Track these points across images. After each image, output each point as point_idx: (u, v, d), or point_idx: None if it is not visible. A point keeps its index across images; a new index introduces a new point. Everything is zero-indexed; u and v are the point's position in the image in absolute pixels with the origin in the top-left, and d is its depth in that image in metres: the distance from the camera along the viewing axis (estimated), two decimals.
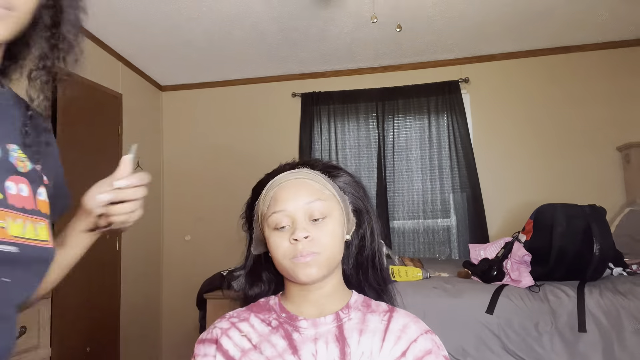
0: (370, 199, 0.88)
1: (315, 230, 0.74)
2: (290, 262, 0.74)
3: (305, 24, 2.84)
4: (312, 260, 0.73)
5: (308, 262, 0.73)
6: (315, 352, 0.72)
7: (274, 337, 0.74)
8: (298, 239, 0.73)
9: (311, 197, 0.76)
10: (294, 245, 0.74)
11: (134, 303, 3.26)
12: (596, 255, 1.87)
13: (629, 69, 3.20)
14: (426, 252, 3.28)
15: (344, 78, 3.59)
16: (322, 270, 0.74)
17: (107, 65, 3.12)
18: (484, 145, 3.35)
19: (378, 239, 0.84)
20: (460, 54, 3.37)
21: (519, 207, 3.21)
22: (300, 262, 0.73)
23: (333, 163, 0.86)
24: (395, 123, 3.44)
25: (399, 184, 3.38)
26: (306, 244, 0.73)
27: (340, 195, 0.80)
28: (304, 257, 0.73)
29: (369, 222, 0.83)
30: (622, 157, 3.13)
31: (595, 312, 1.74)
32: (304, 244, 0.73)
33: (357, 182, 0.84)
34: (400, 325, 0.75)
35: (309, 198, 0.76)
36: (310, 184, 0.78)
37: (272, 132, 3.65)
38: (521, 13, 2.79)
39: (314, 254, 0.73)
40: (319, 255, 0.74)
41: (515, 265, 2.00)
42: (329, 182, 0.80)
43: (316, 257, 0.73)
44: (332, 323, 0.75)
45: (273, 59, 3.37)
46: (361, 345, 0.72)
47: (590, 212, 1.98)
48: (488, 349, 1.78)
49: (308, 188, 0.77)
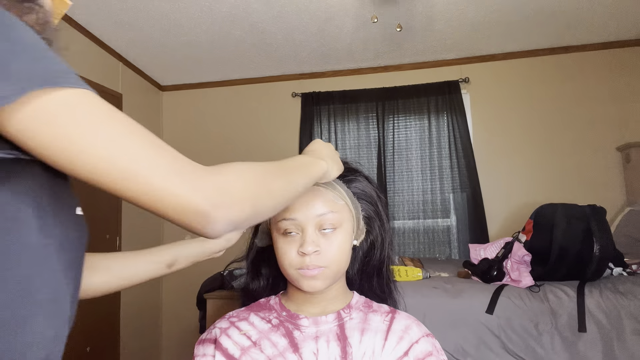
0: (386, 204, 0.85)
1: (324, 242, 0.74)
2: (296, 272, 0.74)
3: (305, 23, 2.84)
4: (318, 274, 0.73)
5: (314, 275, 0.73)
6: (317, 351, 0.72)
7: (275, 336, 0.74)
8: (306, 252, 0.72)
9: (323, 208, 0.74)
10: (301, 257, 0.73)
11: (134, 303, 3.26)
12: (596, 255, 1.86)
13: (629, 69, 3.20)
14: (426, 252, 3.28)
15: (344, 78, 3.59)
16: (327, 282, 0.74)
17: (107, 65, 3.12)
18: (484, 145, 3.35)
19: (388, 250, 0.83)
20: (460, 54, 3.37)
21: (519, 207, 3.21)
22: (307, 274, 0.73)
23: (352, 165, 0.84)
24: (395, 123, 3.44)
25: (399, 184, 3.38)
26: (314, 258, 0.73)
27: (353, 202, 0.79)
28: (311, 271, 0.73)
29: (380, 229, 0.82)
30: (622, 157, 3.13)
31: (595, 312, 1.74)
32: (311, 258, 0.73)
33: (373, 189, 0.82)
34: (402, 326, 0.76)
35: (321, 210, 0.74)
36: (324, 193, 0.76)
37: (272, 132, 3.65)
38: (521, 13, 2.79)
39: (321, 267, 0.73)
40: (326, 269, 0.73)
41: (515, 265, 2.00)
42: (343, 188, 0.78)
43: (323, 270, 0.73)
44: (333, 322, 0.75)
45: (273, 59, 3.37)
46: (363, 344, 0.72)
47: (590, 212, 1.98)
48: (488, 349, 1.78)
49: (321, 197, 0.75)
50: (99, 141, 0.41)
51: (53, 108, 0.40)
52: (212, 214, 0.45)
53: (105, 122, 0.42)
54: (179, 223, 0.45)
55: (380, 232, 0.82)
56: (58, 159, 0.41)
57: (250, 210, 0.49)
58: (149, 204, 0.43)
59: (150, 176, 0.42)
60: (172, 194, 0.43)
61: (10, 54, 0.39)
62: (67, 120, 0.41)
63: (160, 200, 0.43)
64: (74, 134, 0.41)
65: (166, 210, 0.44)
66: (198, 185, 0.44)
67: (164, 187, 0.43)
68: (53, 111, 0.40)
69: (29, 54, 0.41)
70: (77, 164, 0.41)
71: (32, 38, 0.42)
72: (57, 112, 0.40)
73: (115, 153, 0.41)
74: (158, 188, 0.42)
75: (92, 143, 0.41)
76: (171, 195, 0.43)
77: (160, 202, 0.43)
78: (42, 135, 0.40)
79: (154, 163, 0.43)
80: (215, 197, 0.45)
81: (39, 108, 0.40)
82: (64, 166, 0.42)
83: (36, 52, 0.41)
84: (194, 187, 0.44)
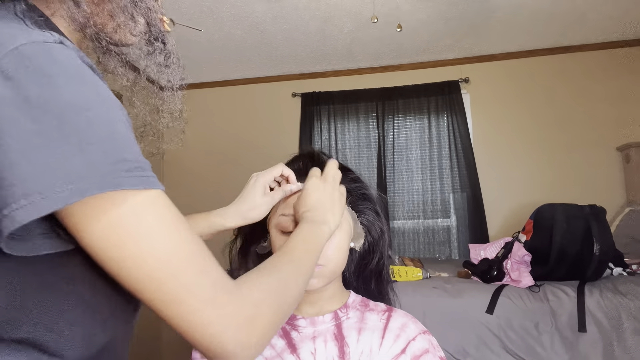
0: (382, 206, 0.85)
1: None
2: None
3: (305, 23, 2.84)
4: (315, 272, 0.73)
5: None
6: (314, 351, 0.72)
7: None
8: None
9: None
10: None
11: None
12: (596, 255, 1.87)
13: (629, 69, 3.20)
14: (426, 252, 3.28)
15: (344, 78, 3.59)
16: (324, 280, 0.74)
17: None
18: (484, 145, 3.35)
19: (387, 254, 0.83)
20: (460, 54, 3.37)
21: (519, 207, 3.21)
22: None
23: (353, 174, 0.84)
24: (395, 123, 3.44)
25: (399, 184, 3.38)
26: None
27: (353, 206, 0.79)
28: None
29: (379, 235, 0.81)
30: (622, 157, 3.13)
31: (595, 312, 1.74)
32: None
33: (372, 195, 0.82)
34: (399, 324, 0.76)
35: None
36: None
37: (272, 132, 3.65)
38: (521, 13, 2.79)
39: (318, 266, 0.73)
40: (323, 267, 0.73)
41: (515, 265, 2.00)
42: None
43: (320, 269, 0.73)
44: (330, 322, 0.75)
45: (273, 59, 3.37)
46: (360, 343, 0.72)
47: (590, 212, 1.98)
48: (488, 349, 1.78)
49: None
50: (154, 261, 0.41)
51: (117, 216, 0.39)
52: (240, 355, 0.45)
53: (165, 240, 0.41)
54: (204, 353, 0.45)
55: (380, 236, 0.81)
56: (109, 266, 0.41)
57: (273, 334, 0.50)
58: (183, 329, 0.43)
59: (193, 309, 0.42)
60: (208, 332, 0.43)
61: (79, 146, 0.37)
62: (128, 234, 0.40)
63: (194, 331, 0.43)
64: (132, 249, 0.40)
65: (195, 340, 0.44)
66: (232, 325, 0.44)
67: (203, 322, 0.43)
68: (117, 220, 0.39)
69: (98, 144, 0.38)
70: (126, 277, 0.41)
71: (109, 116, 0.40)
72: (120, 222, 0.39)
73: (165, 276, 0.41)
74: (198, 322, 0.43)
75: (146, 263, 0.40)
76: (207, 333, 0.43)
77: (194, 332, 0.43)
78: (99, 242, 0.39)
79: (201, 296, 0.42)
80: (245, 339, 0.45)
81: (103, 213, 0.39)
82: (113, 272, 0.41)
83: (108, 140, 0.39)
84: (227, 328, 0.43)
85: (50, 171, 0.36)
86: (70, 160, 0.37)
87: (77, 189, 0.36)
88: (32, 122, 0.36)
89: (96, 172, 0.37)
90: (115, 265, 0.41)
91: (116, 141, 0.40)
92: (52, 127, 0.36)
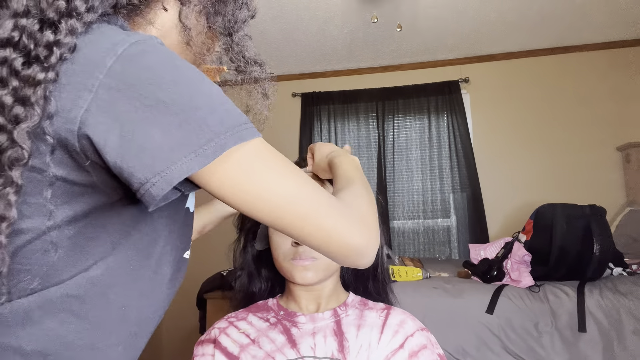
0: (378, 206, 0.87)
1: None
2: (289, 263, 0.76)
3: (305, 23, 2.84)
4: (310, 264, 0.75)
5: (306, 266, 0.75)
6: (314, 345, 0.73)
7: (273, 333, 0.75)
8: (299, 243, 0.74)
9: None
10: (294, 247, 0.76)
11: None
12: (596, 255, 1.87)
13: (629, 69, 3.20)
14: (426, 252, 3.28)
15: (344, 78, 3.59)
16: (319, 274, 0.76)
17: None
18: (484, 145, 3.35)
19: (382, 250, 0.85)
20: (460, 54, 3.37)
21: (519, 207, 3.21)
22: (299, 264, 0.75)
23: None
24: (395, 123, 3.44)
25: (399, 184, 3.38)
26: (307, 249, 0.75)
27: None
28: (303, 261, 0.75)
29: None
30: (622, 157, 3.13)
31: (595, 312, 1.74)
32: (304, 248, 0.75)
33: None
34: (397, 321, 0.77)
35: None
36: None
37: (272, 132, 3.64)
38: (521, 13, 2.79)
39: (314, 259, 0.75)
40: (318, 261, 0.76)
41: (516, 265, 2.00)
42: None
43: (315, 262, 0.75)
44: (330, 318, 0.77)
45: (273, 59, 3.37)
46: (359, 338, 0.74)
47: (590, 212, 1.98)
48: (488, 349, 1.78)
49: None
50: (289, 189, 0.47)
51: (247, 162, 0.45)
52: (367, 249, 0.52)
53: (284, 170, 0.48)
54: (338, 258, 0.51)
55: None
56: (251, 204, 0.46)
57: (378, 229, 0.57)
58: (319, 236, 0.49)
59: (324, 215, 0.49)
60: (339, 232, 0.49)
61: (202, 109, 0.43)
62: (261, 171, 0.46)
63: (329, 236, 0.49)
64: (269, 183, 0.46)
65: (331, 243, 0.49)
66: (353, 223, 0.51)
67: (336, 225, 0.49)
68: (248, 166, 0.45)
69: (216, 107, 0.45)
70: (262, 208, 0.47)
71: (211, 86, 0.46)
72: (252, 164, 0.46)
73: (298, 197, 0.47)
74: (330, 225, 0.49)
75: (283, 190, 0.47)
76: (339, 233, 0.49)
77: (329, 237, 0.49)
78: (239, 186, 0.45)
79: (326, 206, 0.49)
80: (365, 234, 0.52)
81: (236, 162, 0.45)
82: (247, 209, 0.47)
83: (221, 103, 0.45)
84: (351, 226, 0.50)
85: (195, 135, 0.42)
86: (207, 122, 0.43)
87: (218, 145, 0.43)
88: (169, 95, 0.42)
89: (228, 129, 0.44)
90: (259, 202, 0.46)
91: (229, 103, 0.47)
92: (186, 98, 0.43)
